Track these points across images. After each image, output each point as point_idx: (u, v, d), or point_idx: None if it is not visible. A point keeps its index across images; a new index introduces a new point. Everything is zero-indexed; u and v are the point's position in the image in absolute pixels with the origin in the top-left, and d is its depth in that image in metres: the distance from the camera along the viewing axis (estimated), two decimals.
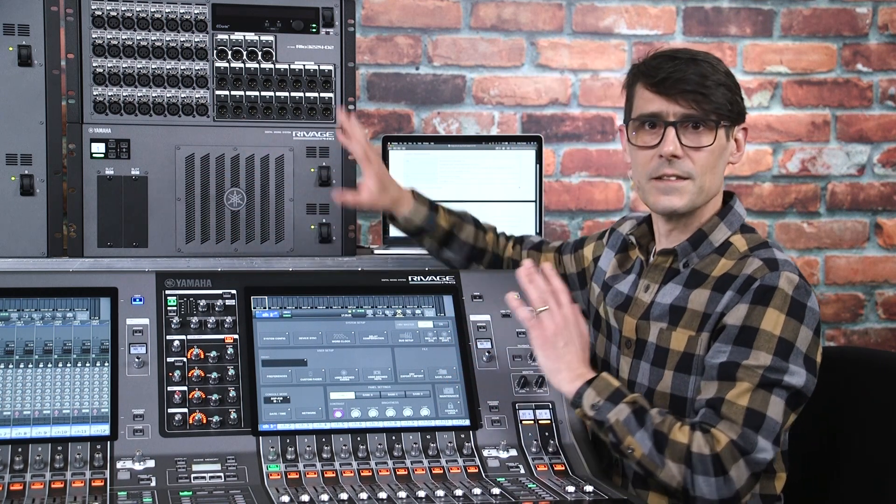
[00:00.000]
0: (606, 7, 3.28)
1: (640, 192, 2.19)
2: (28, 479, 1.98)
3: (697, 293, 2.11)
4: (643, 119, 2.13)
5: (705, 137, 2.10)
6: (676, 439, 1.97)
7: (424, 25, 3.20)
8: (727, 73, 2.13)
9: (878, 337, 3.44)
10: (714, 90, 2.08)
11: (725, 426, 1.96)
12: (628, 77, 2.20)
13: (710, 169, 2.11)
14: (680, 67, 2.09)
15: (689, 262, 2.16)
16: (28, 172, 2.39)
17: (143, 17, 2.43)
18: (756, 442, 1.95)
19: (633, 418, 2.00)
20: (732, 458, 1.94)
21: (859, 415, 2.31)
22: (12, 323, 2.17)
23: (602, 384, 2.05)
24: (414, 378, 2.23)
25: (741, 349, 2.00)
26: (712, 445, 1.95)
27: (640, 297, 2.21)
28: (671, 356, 2.12)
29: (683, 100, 2.08)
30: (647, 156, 2.13)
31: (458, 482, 2.05)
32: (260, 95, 2.48)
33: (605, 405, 2.03)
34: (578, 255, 2.47)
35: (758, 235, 2.17)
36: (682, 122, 2.09)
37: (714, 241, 2.15)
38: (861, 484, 2.26)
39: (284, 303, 2.28)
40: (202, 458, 2.06)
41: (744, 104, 2.17)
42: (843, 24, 3.39)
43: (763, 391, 1.97)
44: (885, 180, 3.44)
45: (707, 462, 1.94)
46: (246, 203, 2.49)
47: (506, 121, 3.25)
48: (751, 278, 2.04)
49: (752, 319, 2.01)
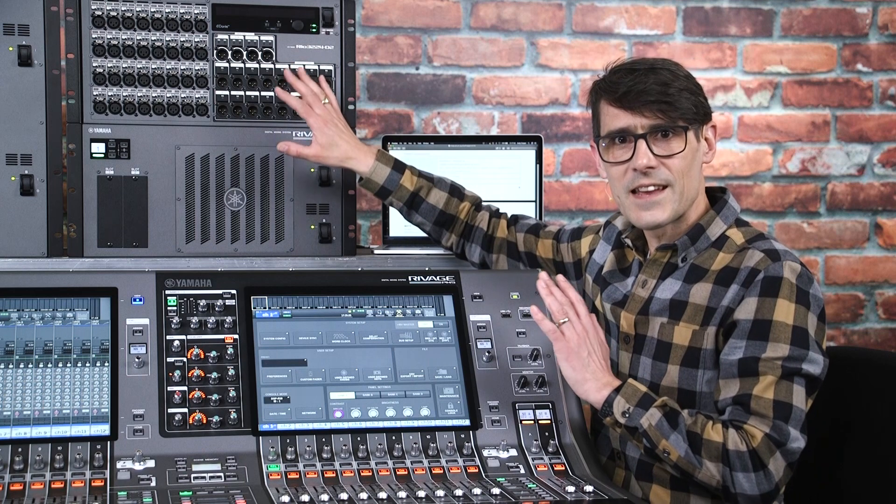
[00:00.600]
0: (606, 7, 3.28)
1: (622, 209, 2.21)
2: (28, 479, 1.98)
3: (698, 287, 2.12)
4: (612, 135, 2.15)
5: (675, 144, 2.11)
6: (711, 438, 1.99)
7: (424, 25, 3.20)
8: (687, 76, 2.15)
9: (878, 337, 3.44)
10: (677, 96, 2.10)
11: (757, 421, 1.98)
12: (591, 95, 2.22)
13: (686, 173, 2.12)
14: (640, 79, 2.10)
15: (687, 256, 2.17)
16: (28, 172, 2.39)
17: (143, 17, 2.43)
18: (789, 433, 1.97)
19: (666, 422, 2.01)
20: (769, 452, 1.96)
21: (859, 415, 2.31)
22: (12, 323, 2.17)
23: (630, 391, 2.06)
24: (414, 378, 2.23)
25: (757, 343, 2.01)
26: (748, 441, 1.97)
27: (638, 292, 2.22)
28: (675, 350, 2.12)
29: (648, 111, 2.10)
30: (622, 170, 2.15)
31: (458, 482, 2.05)
32: (260, 95, 2.48)
33: (636, 411, 2.03)
34: (575, 245, 2.47)
35: (753, 228, 2.19)
36: (650, 132, 2.11)
37: (711, 234, 2.16)
38: (861, 483, 2.26)
39: (284, 303, 2.28)
40: (202, 458, 2.06)
41: (708, 103, 2.18)
42: (843, 24, 3.39)
43: (786, 382, 2.00)
44: (885, 180, 3.44)
45: (745, 458, 1.96)
46: (246, 203, 2.49)
47: (506, 121, 3.25)
48: (754, 270, 2.05)
49: (763, 312, 2.02)
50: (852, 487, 2.28)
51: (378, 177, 2.44)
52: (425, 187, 2.48)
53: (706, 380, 2.10)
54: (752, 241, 2.13)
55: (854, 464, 2.28)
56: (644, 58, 2.20)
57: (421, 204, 2.48)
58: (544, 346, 2.27)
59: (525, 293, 2.36)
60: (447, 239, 2.54)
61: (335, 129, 2.41)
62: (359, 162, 2.43)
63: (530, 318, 2.33)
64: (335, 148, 2.41)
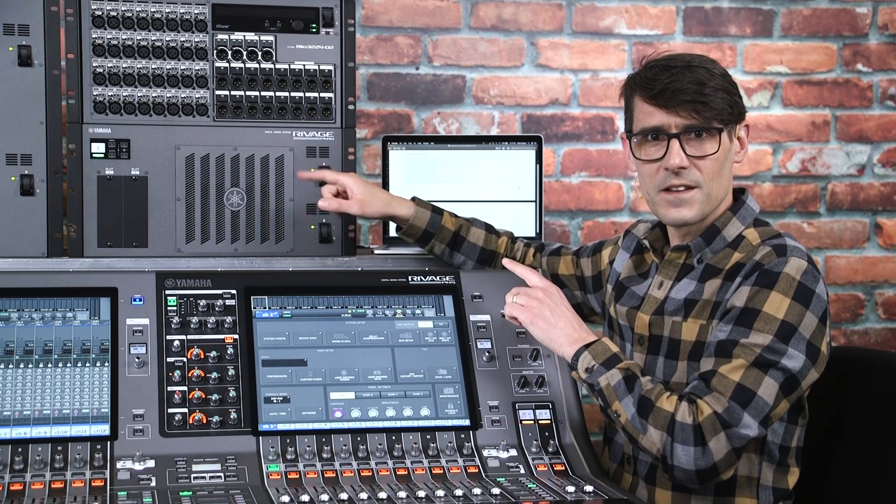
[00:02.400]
0: (606, 7, 3.28)
1: (651, 205, 2.19)
2: (28, 479, 1.98)
3: (710, 284, 2.12)
4: (645, 132, 2.13)
5: (709, 145, 2.10)
6: (662, 407, 1.99)
7: (424, 25, 3.20)
8: (724, 74, 2.13)
9: (878, 337, 3.44)
10: (713, 96, 2.08)
11: (712, 399, 1.97)
12: (625, 88, 2.20)
13: (716, 175, 2.11)
14: (676, 77, 2.08)
15: (702, 257, 2.17)
16: (28, 172, 2.39)
17: (143, 17, 2.42)
18: (741, 418, 1.95)
19: (623, 384, 2.02)
20: (713, 430, 1.95)
21: (859, 415, 2.31)
22: (12, 323, 2.17)
23: (600, 348, 2.07)
24: (414, 378, 2.23)
25: (741, 328, 2.01)
26: (696, 415, 1.96)
27: (654, 293, 2.22)
28: (683, 346, 2.13)
29: (683, 110, 2.08)
30: (654, 168, 2.13)
31: (458, 482, 2.05)
32: (260, 95, 2.48)
33: (598, 369, 2.05)
34: (596, 259, 2.47)
35: (771, 228, 2.18)
36: (684, 132, 2.09)
37: (727, 235, 2.16)
38: (861, 483, 2.26)
39: (284, 303, 2.28)
40: (202, 458, 2.06)
41: (743, 102, 2.17)
42: (843, 24, 3.39)
43: (757, 370, 1.98)
44: (885, 180, 3.44)
45: (688, 431, 1.95)
46: (246, 203, 2.49)
47: (506, 121, 3.25)
48: (758, 264, 2.05)
49: (754, 301, 2.02)
50: (852, 487, 2.28)
51: (420, 221, 2.45)
52: (465, 226, 2.50)
53: None
54: (767, 240, 2.12)
55: (854, 464, 2.28)
56: (681, 53, 2.16)
57: (462, 243, 2.49)
58: (544, 346, 2.28)
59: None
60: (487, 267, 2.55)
61: (367, 184, 2.44)
62: (399, 207, 2.45)
63: None
64: (375, 199, 2.43)
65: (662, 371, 2.16)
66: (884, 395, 2.26)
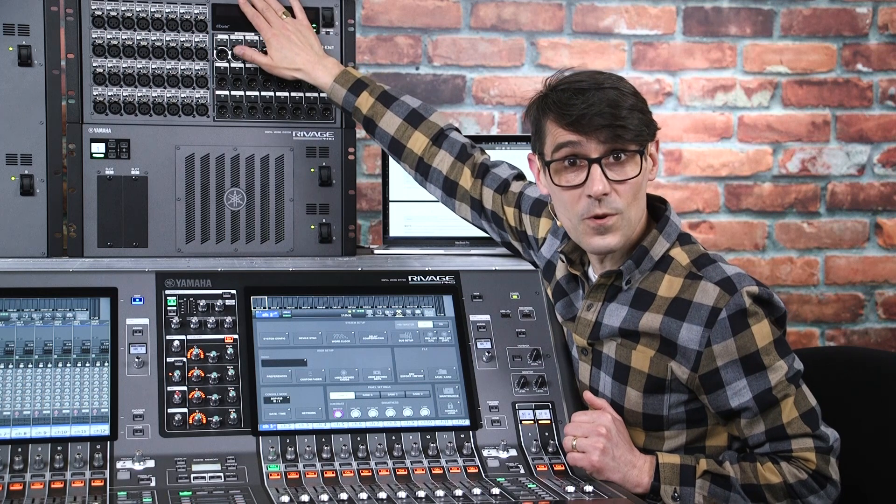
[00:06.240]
0: (606, 7, 3.28)
1: (573, 232, 2.10)
2: (28, 479, 1.98)
3: (648, 317, 2.07)
4: (563, 158, 2.04)
5: (630, 168, 2.03)
6: (770, 482, 2.01)
7: (424, 25, 3.20)
8: (634, 92, 2.05)
9: (878, 337, 3.44)
10: (629, 118, 2.01)
11: (800, 443, 2.02)
12: (534, 110, 2.10)
13: (634, 199, 2.05)
14: (591, 101, 1.99)
15: (632, 279, 2.11)
16: (28, 172, 2.39)
17: (143, 17, 2.42)
18: (825, 433, 2.04)
19: (718, 487, 2.02)
20: (825, 463, 2.02)
21: (859, 415, 2.31)
22: (12, 323, 2.17)
23: (667, 472, 2.04)
24: (414, 378, 2.23)
25: (758, 375, 2.02)
26: (805, 467, 2.01)
27: (585, 316, 2.17)
28: (634, 375, 2.09)
29: (602, 134, 2.00)
30: (575, 196, 2.04)
31: (458, 482, 2.05)
32: (260, 95, 2.48)
33: (684, 491, 2.03)
34: (534, 221, 2.35)
35: (697, 246, 2.12)
36: (604, 157, 2.01)
37: (654, 255, 2.10)
38: (861, 483, 2.26)
39: (284, 303, 2.28)
40: (202, 458, 2.06)
41: (652, 117, 2.08)
42: (843, 24, 3.39)
43: (796, 391, 2.04)
44: (885, 180, 3.44)
45: (810, 483, 2.01)
46: (246, 203, 2.49)
47: (506, 121, 3.25)
48: (715, 310, 2.01)
49: (747, 347, 2.01)
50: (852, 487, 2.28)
51: (336, 97, 2.42)
52: (378, 112, 2.42)
53: (671, 403, 2.08)
54: (698, 266, 2.07)
55: (854, 463, 2.28)
56: (588, 72, 2.09)
57: (374, 129, 2.43)
58: (544, 346, 2.28)
59: (525, 293, 2.36)
60: (407, 169, 2.47)
61: (287, 42, 2.40)
62: (313, 79, 2.42)
63: (530, 318, 2.34)
64: (287, 61, 2.40)
65: (610, 390, 2.12)
66: (884, 395, 2.26)
